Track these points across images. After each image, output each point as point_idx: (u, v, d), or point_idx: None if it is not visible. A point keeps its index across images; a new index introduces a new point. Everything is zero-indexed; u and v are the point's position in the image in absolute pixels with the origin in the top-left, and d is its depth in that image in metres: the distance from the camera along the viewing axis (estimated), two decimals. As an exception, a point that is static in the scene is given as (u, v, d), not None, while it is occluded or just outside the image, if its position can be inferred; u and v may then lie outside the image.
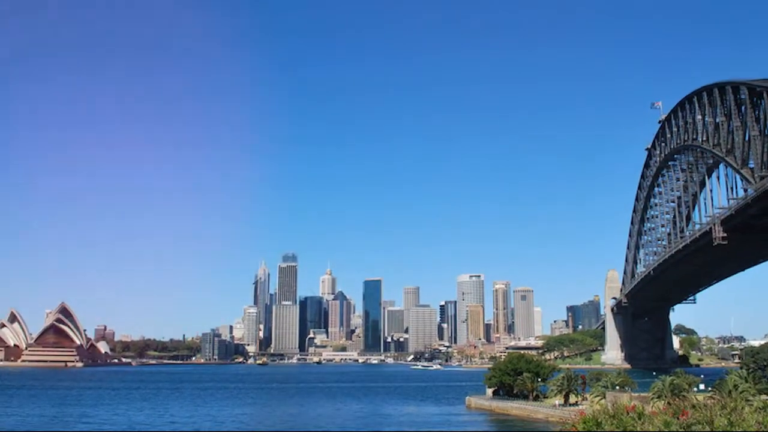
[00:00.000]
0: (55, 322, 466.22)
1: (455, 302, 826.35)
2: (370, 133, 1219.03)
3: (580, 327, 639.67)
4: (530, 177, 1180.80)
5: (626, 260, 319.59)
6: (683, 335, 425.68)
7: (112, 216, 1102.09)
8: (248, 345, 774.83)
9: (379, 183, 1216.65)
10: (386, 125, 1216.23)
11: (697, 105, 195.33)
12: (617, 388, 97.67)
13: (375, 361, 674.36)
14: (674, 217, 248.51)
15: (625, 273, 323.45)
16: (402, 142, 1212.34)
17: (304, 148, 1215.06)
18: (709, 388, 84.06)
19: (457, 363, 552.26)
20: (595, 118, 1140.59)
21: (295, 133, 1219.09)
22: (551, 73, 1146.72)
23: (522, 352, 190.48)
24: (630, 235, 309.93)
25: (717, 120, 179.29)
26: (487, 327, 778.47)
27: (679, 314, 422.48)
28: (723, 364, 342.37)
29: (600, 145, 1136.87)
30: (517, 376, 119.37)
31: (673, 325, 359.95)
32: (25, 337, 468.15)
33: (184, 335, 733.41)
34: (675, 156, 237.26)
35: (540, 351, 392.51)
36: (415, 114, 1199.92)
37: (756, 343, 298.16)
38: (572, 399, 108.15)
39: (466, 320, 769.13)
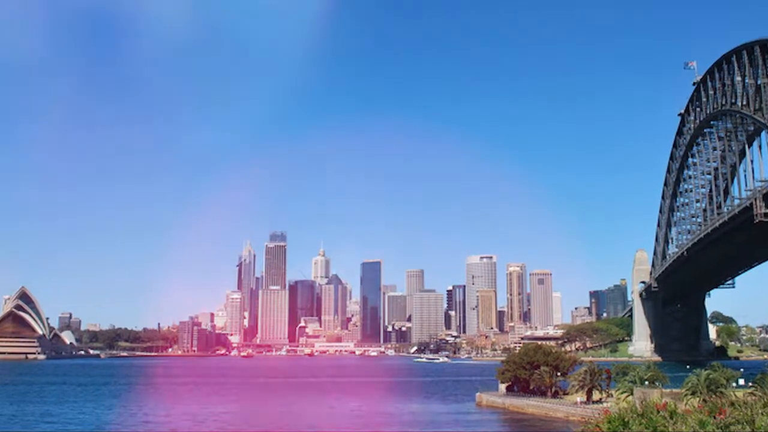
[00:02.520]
0: (14, 309, 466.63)
1: (464, 287, 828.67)
2: (370, 97, 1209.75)
3: (605, 315, 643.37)
4: (548, 146, 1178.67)
5: (656, 240, 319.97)
6: (720, 324, 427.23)
7: (77, 191, 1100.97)
8: (231, 335, 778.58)
9: (378, 153, 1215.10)
10: (389, 87, 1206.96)
11: (736, 65, 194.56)
12: (646, 383, 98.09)
13: (374, 353, 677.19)
14: (710, 191, 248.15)
15: (655, 254, 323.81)
16: (404, 106, 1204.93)
17: (295, 112, 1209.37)
18: (750, 384, 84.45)
19: (466, 355, 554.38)
20: (622, 81, 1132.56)
21: (287, 94, 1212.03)
22: (574, 32, 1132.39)
23: (539, 342, 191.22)
24: (661, 212, 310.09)
25: (759, 82, 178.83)
26: (500, 315, 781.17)
27: (716, 300, 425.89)
28: (765, 356, 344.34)
29: (626, 110, 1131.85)
30: (533, 370, 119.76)
31: (709, 313, 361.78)
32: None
33: (159, 324, 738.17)
34: (711, 122, 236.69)
35: (559, 342, 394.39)
36: (421, 78, 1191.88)
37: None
38: (596, 396, 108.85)
39: (476, 307, 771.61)
